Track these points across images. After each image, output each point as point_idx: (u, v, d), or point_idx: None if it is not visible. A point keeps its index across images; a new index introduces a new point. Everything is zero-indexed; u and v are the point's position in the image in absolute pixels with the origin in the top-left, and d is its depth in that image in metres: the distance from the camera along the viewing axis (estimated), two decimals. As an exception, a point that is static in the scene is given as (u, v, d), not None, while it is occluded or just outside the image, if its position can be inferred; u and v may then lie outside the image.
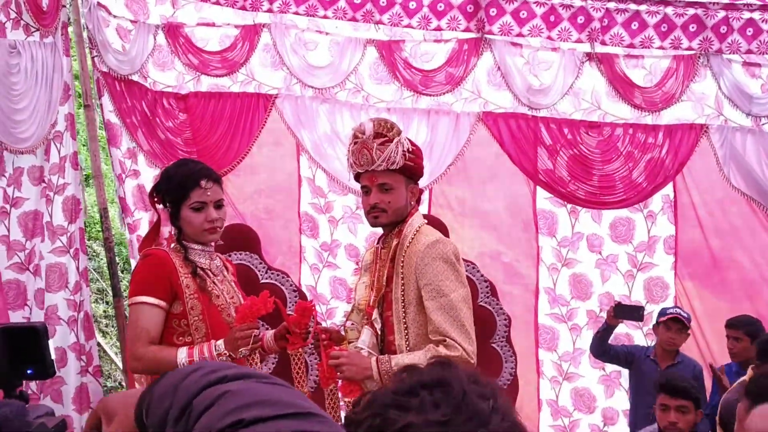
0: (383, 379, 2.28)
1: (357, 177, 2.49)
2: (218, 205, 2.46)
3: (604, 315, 4.06)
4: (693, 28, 4.03)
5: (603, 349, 3.97)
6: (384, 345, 2.44)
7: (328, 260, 4.32)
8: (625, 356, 3.99)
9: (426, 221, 2.49)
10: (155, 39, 4.01)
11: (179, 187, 2.42)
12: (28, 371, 1.60)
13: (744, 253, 4.39)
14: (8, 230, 3.45)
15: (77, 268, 3.73)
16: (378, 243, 2.56)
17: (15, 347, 1.57)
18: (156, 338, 2.37)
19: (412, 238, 2.40)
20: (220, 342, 2.34)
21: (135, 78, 3.98)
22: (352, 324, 2.57)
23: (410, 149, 2.39)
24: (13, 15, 3.40)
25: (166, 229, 2.53)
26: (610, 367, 4.28)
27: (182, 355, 2.34)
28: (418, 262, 2.34)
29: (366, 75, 4.18)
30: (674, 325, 3.78)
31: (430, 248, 2.34)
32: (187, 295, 2.38)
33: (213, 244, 2.54)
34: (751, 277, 4.37)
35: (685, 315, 3.83)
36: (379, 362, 2.31)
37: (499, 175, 4.37)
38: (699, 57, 4.13)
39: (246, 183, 4.24)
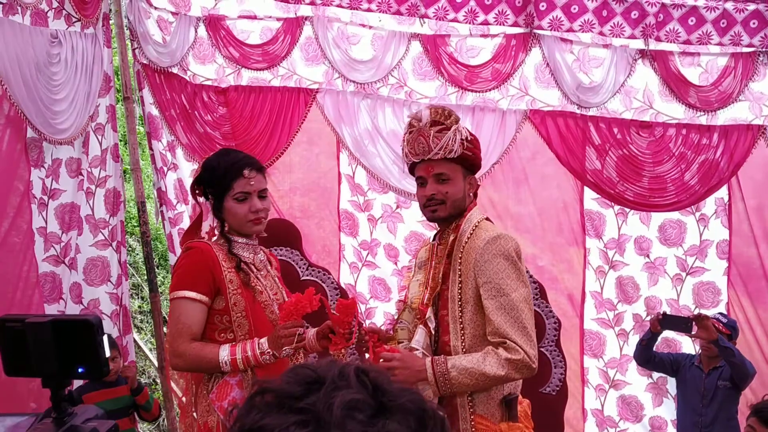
0: (438, 381, 2.16)
1: (411, 169, 2.38)
2: (262, 195, 2.38)
3: (650, 320, 3.90)
4: (754, 24, 3.83)
5: (647, 357, 3.84)
6: (438, 346, 2.31)
7: (367, 259, 4.22)
8: (671, 364, 3.86)
9: (485, 216, 2.37)
10: (196, 31, 3.94)
11: (222, 177, 2.34)
12: (80, 370, 1.43)
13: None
14: (46, 222, 3.39)
15: (119, 262, 3.67)
16: (434, 239, 2.44)
17: (65, 342, 1.40)
18: (198, 334, 2.28)
19: (471, 234, 2.27)
20: (264, 340, 2.25)
21: (175, 70, 3.92)
22: (402, 323, 2.46)
23: (468, 138, 2.28)
24: (55, 4, 3.34)
25: (206, 223, 2.45)
26: (658, 374, 4.12)
27: (224, 353, 2.25)
28: (477, 258, 2.21)
29: (409, 70, 4.06)
30: None
31: (491, 244, 2.21)
32: (231, 291, 2.28)
33: (257, 237, 2.45)
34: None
35: (724, 321, 3.66)
36: (435, 363, 2.17)
37: (537, 177, 4.22)
38: (759, 54, 3.95)
39: (281, 181, 4.16)
